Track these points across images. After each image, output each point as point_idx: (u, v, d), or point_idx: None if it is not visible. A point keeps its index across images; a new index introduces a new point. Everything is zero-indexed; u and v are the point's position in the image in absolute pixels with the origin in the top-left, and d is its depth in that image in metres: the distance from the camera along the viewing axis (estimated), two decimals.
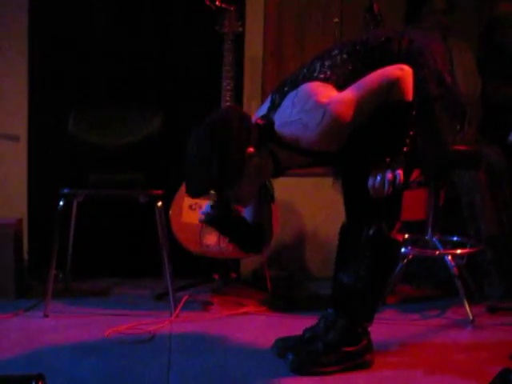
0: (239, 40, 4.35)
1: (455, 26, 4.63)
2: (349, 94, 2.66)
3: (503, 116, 4.40)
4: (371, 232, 2.92)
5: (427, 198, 4.03)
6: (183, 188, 4.07)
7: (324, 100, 2.64)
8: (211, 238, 4.08)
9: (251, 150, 2.68)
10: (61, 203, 3.87)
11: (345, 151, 2.73)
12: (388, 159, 2.65)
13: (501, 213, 4.26)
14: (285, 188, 4.63)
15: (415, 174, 3.94)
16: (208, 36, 4.32)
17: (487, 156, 4.19)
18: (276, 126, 2.75)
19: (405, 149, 2.67)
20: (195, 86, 4.50)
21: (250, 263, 4.56)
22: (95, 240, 4.52)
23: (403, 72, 2.66)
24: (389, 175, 2.65)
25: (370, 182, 2.69)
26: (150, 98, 4.48)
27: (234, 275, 4.28)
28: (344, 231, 3.13)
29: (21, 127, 4.52)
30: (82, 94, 4.48)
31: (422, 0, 4.59)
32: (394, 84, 2.64)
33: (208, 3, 4.15)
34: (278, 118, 2.77)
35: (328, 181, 3.56)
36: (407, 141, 2.68)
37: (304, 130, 2.67)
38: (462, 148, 4.01)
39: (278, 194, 4.52)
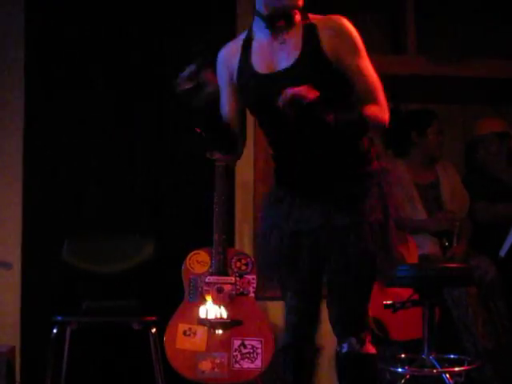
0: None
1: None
2: None
3: (492, 232, 4.45)
4: (343, 350, 2.86)
5: (422, 316, 4.03)
6: (177, 314, 4.09)
7: None
8: (206, 365, 4.05)
9: None
10: (54, 331, 3.85)
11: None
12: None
13: (495, 324, 4.25)
14: (280, 311, 4.65)
15: (408, 293, 3.98)
16: (199, 163, 4.40)
17: (477, 268, 4.21)
18: None
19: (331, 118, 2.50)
20: (187, 212, 4.54)
21: None
22: (88, 367, 4.45)
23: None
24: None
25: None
26: (143, 225, 4.51)
27: None
28: None
29: (14, 254, 4.53)
30: (75, 221, 4.51)
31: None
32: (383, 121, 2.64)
33: (199, 131, 4.24)
34: None
35: (323, 303, 3.54)
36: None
37: None
38: (452, 265, 4.05)
39: (273, 317, 4.56)
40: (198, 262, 4.18)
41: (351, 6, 5.15)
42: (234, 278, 4.15)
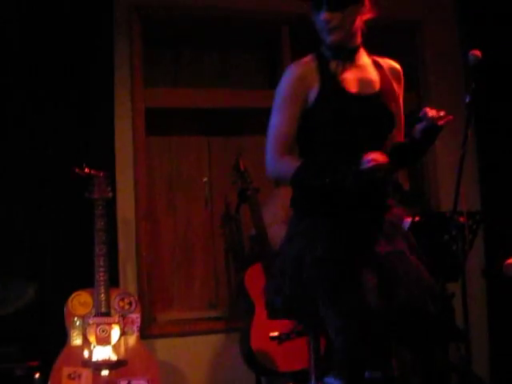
0: (111, 204, 4.39)
1: None
2: None
3: None
4: None
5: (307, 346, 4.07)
6: (61, 357, 4.00)
7: None
8: None
9: None
10: None
11: None
12: None
13: None
14: (167, 348, 4.64)
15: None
16: (78, 203, 4.33)
17: None
18: None
19: None
20: (69, 253, 4.45)
21: None
22: None
23: None
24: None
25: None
26: (24, 268, 4.40)
27: None
28: None
29: None
30: None
31: None
32: None
33: (77, 171, 4.21)
34: None
35: (210, 338, 3.54)
36: None
37: None
38: None
39: (160, 355, 4.53)
40: (80, 303, 4.10)
41: (232, 43, 5.28)
42: (117, 318, 4.10)
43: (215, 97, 5.04)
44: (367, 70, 2.89)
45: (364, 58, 2.91)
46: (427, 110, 2.75)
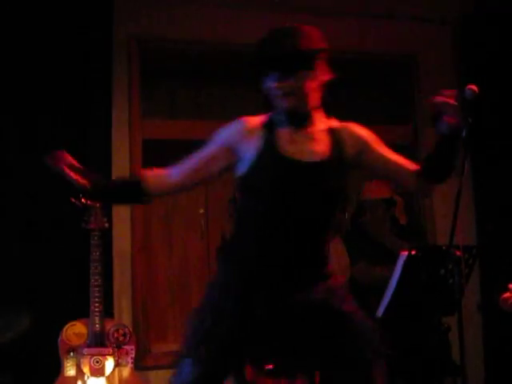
0: (107, 235, 4.39)
1: None
2: None
3: (370, 296, 4.53)
4: None
5: None
6: None
7: None
8: None
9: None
10: None
11: None
12: None
13: None
14: (162, 380, 4.60)
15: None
16: (74, 233, 4.33)
17: None
18: None
19: None
20: (64, 283, 4.44)
21: None
22: None
23: None
24: None
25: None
26: (19, 297, 4.39)
27: None
28: None
29: None
30: None
31: None
32: None
33: (73, 201, 4.21)
34: None
35: None
36: None
37: None
38: None
39: None
40: (74, 333, 4.09)
41: (230, 77, 5.31)
42: (111, 349, 4.08)
43: (213, 129, 5.04)
44: (317, 137, 2.77)
45: (318, 124, 2.79)
46: (434, 99, 2.70)
